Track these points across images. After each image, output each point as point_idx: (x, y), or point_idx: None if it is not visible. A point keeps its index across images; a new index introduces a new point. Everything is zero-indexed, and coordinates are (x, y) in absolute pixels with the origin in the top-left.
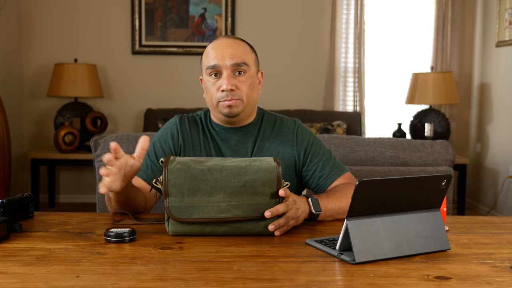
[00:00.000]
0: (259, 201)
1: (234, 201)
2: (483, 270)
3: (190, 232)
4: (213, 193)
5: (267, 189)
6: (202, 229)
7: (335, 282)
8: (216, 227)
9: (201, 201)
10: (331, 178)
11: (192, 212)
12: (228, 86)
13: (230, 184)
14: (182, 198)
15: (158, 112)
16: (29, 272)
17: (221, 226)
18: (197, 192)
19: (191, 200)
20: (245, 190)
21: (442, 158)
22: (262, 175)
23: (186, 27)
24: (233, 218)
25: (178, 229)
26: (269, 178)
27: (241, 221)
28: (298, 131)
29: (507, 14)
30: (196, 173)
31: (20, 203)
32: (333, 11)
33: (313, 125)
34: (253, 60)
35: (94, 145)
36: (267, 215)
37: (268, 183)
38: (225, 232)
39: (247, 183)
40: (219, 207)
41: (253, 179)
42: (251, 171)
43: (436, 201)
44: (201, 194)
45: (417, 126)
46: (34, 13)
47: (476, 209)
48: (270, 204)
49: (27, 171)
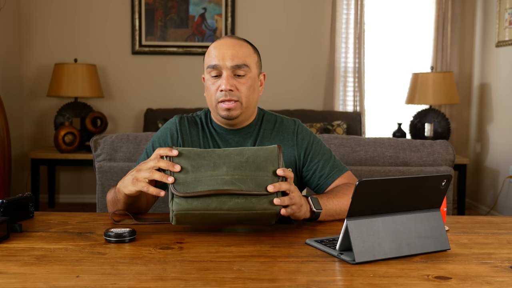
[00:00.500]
0: (262, 175)
1: (237, 175)
2: (483, 270)
3: (194, 209)
4: (217, 168)
5: (269, 166)
6: (207, 205)
7: (335, 282)
8: (221, 203)
9: (205, 175)
10: (331, 178)
11: (197, 185)
12: (227, 87)
13: (233, 159)
14: (187, 174)
15: (158, 112)
16: (29, 272)
17: (225, 203)
18: (201, 167)
19: (195, 175)
20: (247, 165)
21: (442, 158)
22: (263, 153)
23: (186, 27)
24: (237, 191)
25: (183, 206)
26: (270, 156)
27: (245, 195)
28: (298, 131)
29: (507, 14)
30: (199, 152)
31: (20, 203)
32: (333, 11)
33: (313, 125)
34: (254, 62)
35: (94, 145)
36: (269, 189)
37: (270, 160)
38: (229, 208)
39: (249, 159)
40: (223, 180)
41: (255, 156)
42: (253, 149)
43: (436, 201)
44: (205, 169)
45: (417, 126)
46: (34, 13)
47: (476, 209)
48: (273, 181)
49: (27, 171)
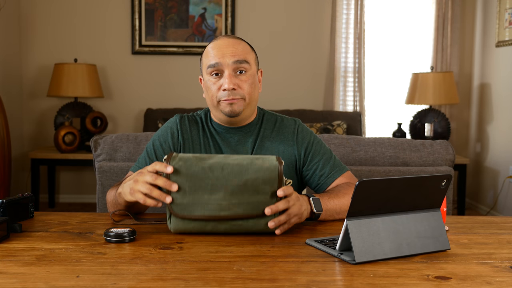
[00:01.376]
0: (260, 199)
1: (234, 200)
2: (483, 270)
3: (191, 230)
4: (214, 191)
5: (268, 188)
6: (203, 226)
7: (335, 282)
8: (217, 225)
9: (202, 199)
10: (331, 177)
11: (193, 209)
12: (230, 85)
13: (231, 182)
14: (184, 195)
15: (158, 112)
16: (29, 272)
17: (222, 224)
18: (198, 190)
19: (192, 198)
20: (246, 189)
21: (442, 158)
22: (263, 174)
23: (186, 27)
24: (234, 216)
25: (179, 226)
26: (270, 177)
27: (242, 218)
28: (299, 131)
29: (507, 14)
30: (197, 171)
31: (20, 203)
32: (333, 11)
33: (313, 125)
34: (253, 59)
35: (94, 145)
36: (267, 212)
37: (269, 182)
38: (226, 230)
39: (248, 182)
40: (220, 205)
41: (254, 178)
42: (253, 169)
43: (436, 201)
44: (202, 192)
45: (417, 126)
46: (34, 14)
47: (476, 209)
48: (271, 203)
49: (27, 171)
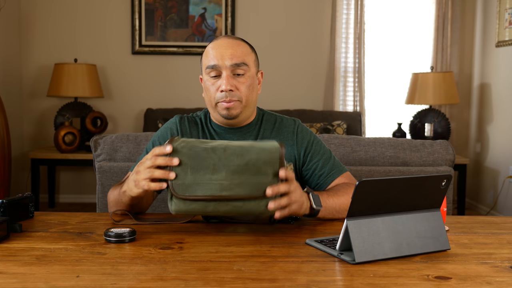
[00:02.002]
0: (261, 180)
1: (236, 180)
2: (483, 270)
3: (192, 211)
4: (216, 171)
5: (270, 168)
6: (205, 207)
7: (335, 282)
8: (218, 206)
9: (204, 178)
10: (331, 177)
11: (195, 189)
12: (227, 87)
13: (232, 162)
14: (185, 175)
15: (158, 112)
16: (29, 272)
17: (223, 206)
18: (200, 170)
19: (193, 178)
20: (247, 169)
21: (442, 158)
22: (265, 155)
23: (186, 27)
24: (235, 196)
25: (180, 207)
26: (271, 158)
27: (243, 199)
28: (298, 130)
29: (507, 14)
30: (199, 152)
31: (20, 203)
32: (333, 11)
33: (313, 125)
34: (253, 61)
35: (94, 145)
36: (268, 193)
37: (271, 163)
38: (226, 211)
39: (249, 162)
40: (222, 185)
41: (256, 158)
42: (254, 150)
43: (436, 201)
44: (204, 172)
45: (417, 126)
46: (34, 13)
47: (476, 209)
48: (272, 184)
49: (27, 171)
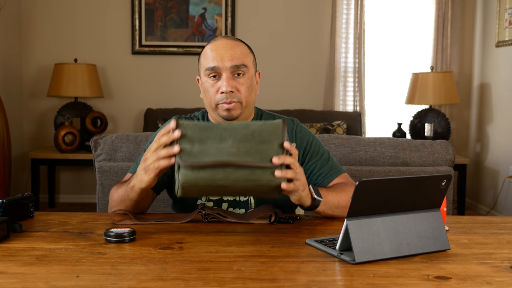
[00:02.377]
0: (267, 149)
1: (243, 147)
2: (483, 270)
3: (201, 181)
4: (223, 140)
5: (274, 139)
6: (213, 175)
7: (335, 282)
8: (226, 174)
9: (211, 147)
10: (329, 177)
11: (203, 156)
12: (227, 88)
13: (238, 132)
14: (193, 146)
15: (158, 112)
16: (29, 272)
17: (231, 173)
18: (207, 140)
19: (201, 147)
20: (253, 138)
21: (442, 158)
22: (268, 127)
23: (186, 27)
24: (243, 163)
25: (189, 177)
26: (275, 130)
27: (250, 167)
28: (297, 130)
29: (507, 14)
30: (205, 125)
31: (20, 203)
32: (333, 11)
33: (313, 125)
34: (251, 61)
35: (94, 145)
36: (274, 161)
37: (275, 134)
38: (235, 179)
39: (254, 132)
40: (229, 152)
41: (260, 129)
42: (258, 123)
43: (436, 201)
44: (211, 142)
45: (417, 126)
46: (34, 13)
47: (476, 209)
48: (278, 153)
49: (27, 171)
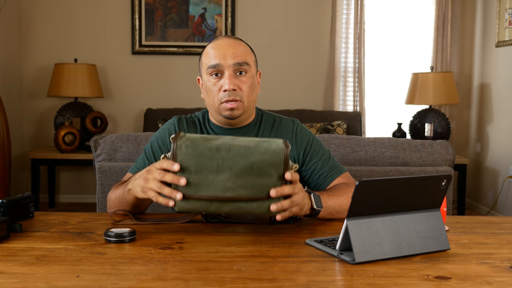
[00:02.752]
0: (265, 182)
1: (240, 181)
2: (483, 270)
3: (195, 209)
4: (220, 172)
5: (274, 170)
6: (207, 207)
7: (335, 282)
8: (221, 206)
9: (208, 179)
10: (330, 177)
11: (198, 189)
12: (230, 86)
13: (237, 164)
14: (189, 175)
15: (158, 112)
16: (29, 272)
17: (225, 205)
18: (204, 170)
19: (197, 177)
20: (251, 171)
21: (442, 158)
22: (269, 157)
23: (186, 27)
24: (238, 198)
25: (183, 206)
26: (276, 160)
27: (246, 200)
28: (298, 131)
29: (507, 14)
30: (203, 151)
31: (20, 203)
32: (333, 11)
33: (313, 125)
34: (253, 61)
35: (94, 145)
36: (272, 194)
37: (275, 164)
38: (229, 211)
39: (254, 164)
40: (225, 186)
41: (260, 160)
42: (259, 152)
43: (436, 201)
44: (207, 172)
45: (417, 126)
46: (34, 13)
47: (476, 209)
48: (276, 185)
49: (27, 171)
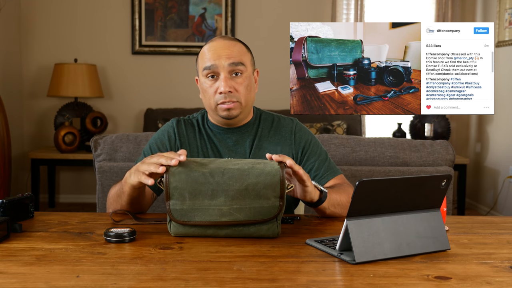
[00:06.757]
0: (262, 204)
1: (235, 205)
2: (483, 270)
3: (192, 234)
4: (215, 197)
5: (270, 192)
6: (204, 231)
7: (335, 282)
8: (217, 230)
9: (203, 204)
10: (325, 178)
11: (194, 215)
12: (226, 88)
13: (231, 187)
14: (184, 201)
15: (158, 112)
16: (29, 272)
17: (222, 229)
18: (199, 195)
19: (192, 203)
20: (247, 194)
21: (442, 158)
22: (264, 179)
23: (186, 27)
24: (235, 222)
25: (180, 231)
26: (272, 182)
27: (243, 224)
28: (296, 130)
29: (507, 14)
30: (197, 176)
31: (20, 203)
32: (333, 11)
33: (313, 125)
34: (249, 60)
35: (94, 145)
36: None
37: (271, 186)
38: (226, 234)
39: (249, 187)
40: (221, 211)
41: (255, 182)
42: (254, 174)
43: (436, 201)
44: (202, 198)
45: (417, 126)
46: (34, 13)
47: (476, 209)
48: (273, 208)
49: (27, 171)
